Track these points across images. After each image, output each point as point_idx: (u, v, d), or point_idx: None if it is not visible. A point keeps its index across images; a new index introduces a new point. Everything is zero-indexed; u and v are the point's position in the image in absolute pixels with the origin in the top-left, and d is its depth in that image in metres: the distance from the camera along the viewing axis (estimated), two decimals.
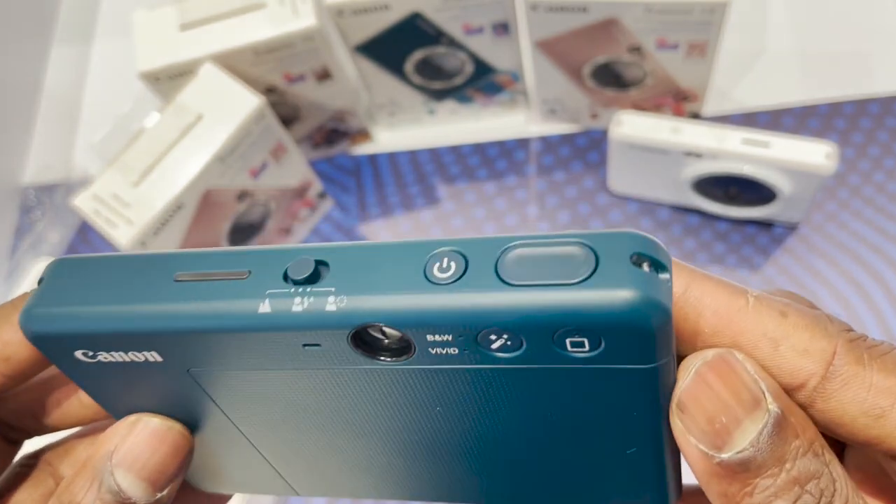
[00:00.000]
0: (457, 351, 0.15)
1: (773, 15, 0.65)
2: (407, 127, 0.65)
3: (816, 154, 0.50)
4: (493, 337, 0.15)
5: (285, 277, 0.16)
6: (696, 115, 0.61)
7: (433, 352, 0.15)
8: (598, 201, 0.60)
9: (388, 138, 0.65)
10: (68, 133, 0.70)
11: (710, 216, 0.58)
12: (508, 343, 0.15)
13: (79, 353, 0.18)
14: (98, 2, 0.75)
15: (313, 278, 0.15)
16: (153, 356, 0.17)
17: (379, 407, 0.18)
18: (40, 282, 0.18)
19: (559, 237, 0.15)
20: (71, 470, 0.22)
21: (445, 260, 0.15)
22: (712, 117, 0.61)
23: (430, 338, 0.15)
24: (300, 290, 0.15)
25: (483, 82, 0.60)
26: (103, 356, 0.17)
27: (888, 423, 0.16)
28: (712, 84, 0.59)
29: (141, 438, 0.19)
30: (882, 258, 0.56)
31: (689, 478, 0.19)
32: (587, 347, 0.15)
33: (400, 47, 0.57)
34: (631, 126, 0.53)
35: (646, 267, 0.14)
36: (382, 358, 0.16)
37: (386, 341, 0.16)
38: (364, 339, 0.16)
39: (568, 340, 0.15)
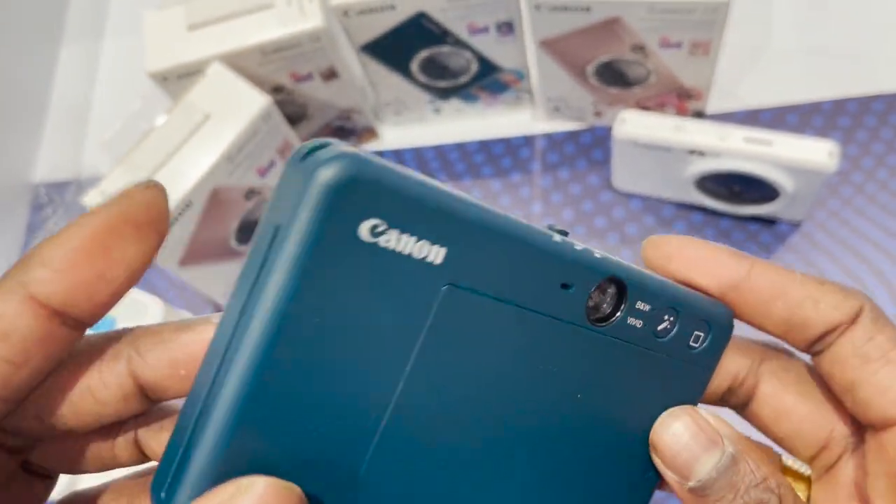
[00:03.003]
0: (641, 324, 0.21)
1: (777, 12, 0.65)
2: (412, 125, 0.66)
3: (819, 152, 0.50)
4: (666, 322, 0.22)
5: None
6: (699, 114, 0.61)
7: (629, 322, 0.21)
8: (602, 198, 0.61)
9: (394, 136, 0.66)
10: (78, 131, 0.70)
11: (713, 213, 0.59)
12: (669, 323, 0.22)
13: (365, 226, 0.15)
14: (107, 1, 0.76)
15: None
16: (436, 255, 0.17)
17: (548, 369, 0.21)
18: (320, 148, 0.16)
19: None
20: None
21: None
22: (716, 115, 0.61)
23: (639, 305, 0.21)
24: (575, 242, 0.20)
25: (488, 81, 0.61)
26: (390, 239, 0.16)
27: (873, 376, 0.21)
28: (715, 82, 0.60)
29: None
30: (885, 255, 0.56)
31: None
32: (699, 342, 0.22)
33: (405, 47, 0.57)
34: (634, 124, 0.54)
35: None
36: (595, 321, 0.20)
37: (604, 305, 0.20)
38: (598, 295, 0.20)
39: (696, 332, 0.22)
